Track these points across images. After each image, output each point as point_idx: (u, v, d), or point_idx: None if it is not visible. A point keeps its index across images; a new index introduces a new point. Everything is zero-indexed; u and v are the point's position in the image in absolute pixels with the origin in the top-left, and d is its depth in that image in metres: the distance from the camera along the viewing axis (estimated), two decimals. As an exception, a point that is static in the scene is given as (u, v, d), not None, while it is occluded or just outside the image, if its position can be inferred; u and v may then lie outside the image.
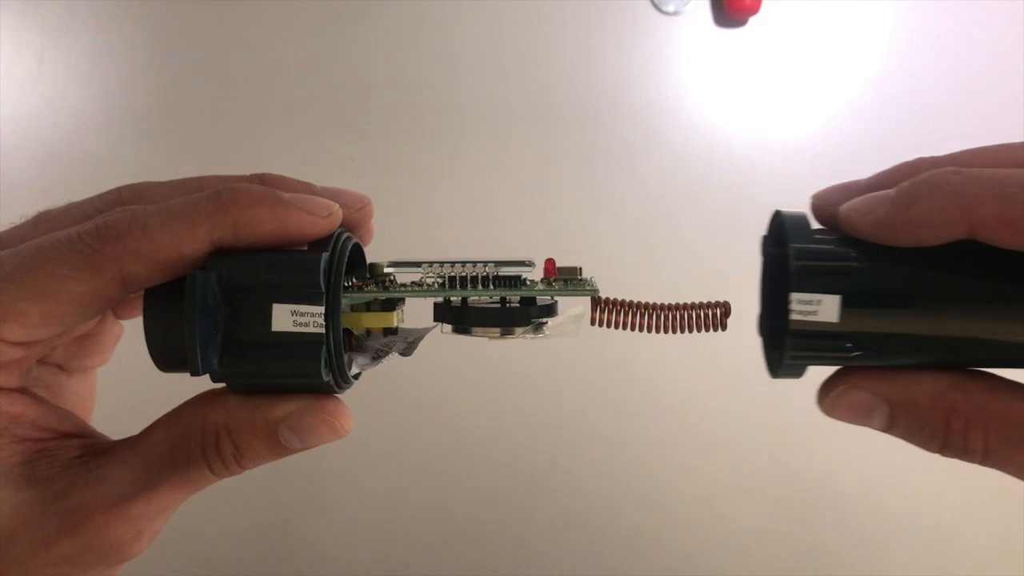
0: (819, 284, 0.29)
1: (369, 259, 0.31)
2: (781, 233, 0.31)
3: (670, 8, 0.64)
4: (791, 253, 0.29)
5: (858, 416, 0.30)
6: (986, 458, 0.29)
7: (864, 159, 0.64)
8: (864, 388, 0.30)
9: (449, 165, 0.62)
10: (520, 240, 0.62)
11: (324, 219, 0.27)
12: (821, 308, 0.29)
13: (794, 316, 0.28)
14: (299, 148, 0.62)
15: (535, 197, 0.63)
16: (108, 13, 0.61)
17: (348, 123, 0.62)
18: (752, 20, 0.64)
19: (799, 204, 0.64)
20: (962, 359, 0.29)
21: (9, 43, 0.61)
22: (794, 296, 0.28)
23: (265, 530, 0.63)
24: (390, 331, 0.31)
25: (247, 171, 0.31)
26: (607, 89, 0.63)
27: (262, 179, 0.29)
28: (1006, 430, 0.28)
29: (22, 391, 0.28)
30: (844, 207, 0.29)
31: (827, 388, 0.30)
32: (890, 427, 0.30)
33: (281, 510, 0.63)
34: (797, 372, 0.31)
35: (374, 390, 0.61)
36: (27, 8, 0.61)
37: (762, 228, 0.63)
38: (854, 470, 0.64)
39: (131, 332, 0.31)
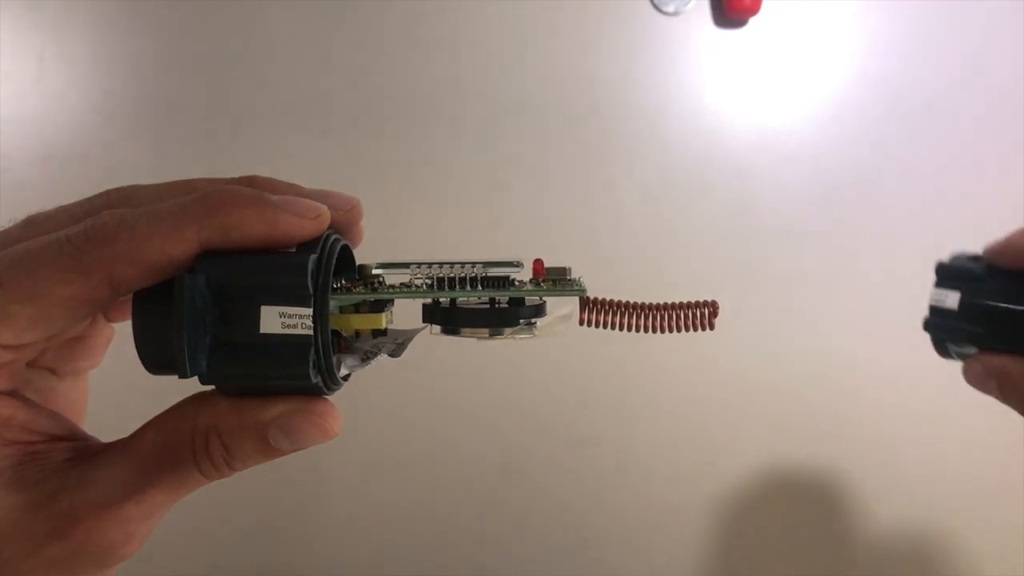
0: (949, 284, 0.42)
1: (359, 260, 0.31)
2: None
3: (670, 8, 0.63)
4: (936, 266, 0.43)
5: (979, 383, 0.41)
6: None
7: (864, 159, 0.64)
8: (981, 362, 0.41)
9: (446, 165, 0.62)
10: (518, 241, 0.62)
11: (312, 221, 0.27)
12: (947, 299, 0.42)
13: (930, 301, 0.43)
14: (298, 149, 0.62)
15: (533, 197, 0.63)
16: (108, 13, 0.61)
17: (346, 124, 0.62)
18: (752, 20, 0.64)
19: (798, 204, 0.64)
20: None
21: (9, 43, 0.61)
22: (933, 290, 0.43)
23: (261, 530, 0.63)
24: (379, 332, 0.31)
25: (247, 172, 0.31)
26: (606, 89, 0.63)
27: (251, 181, 0.29)
28: None
29: (12, 394, 0.28)
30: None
31: (964, 364, 0.41)
32: (1001, 395, 0.40)
33: (276, 510, 0.63)
34: (940, 347, 0.43)
35: (367, 391, 0.61)
36: (27, 8, 0.61)
37: (761, 227, 0.64)
38: (854, 470, 0.64)
39: (121, 335, 0.31)
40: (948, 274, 0.43)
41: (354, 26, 0.62)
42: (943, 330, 0.43)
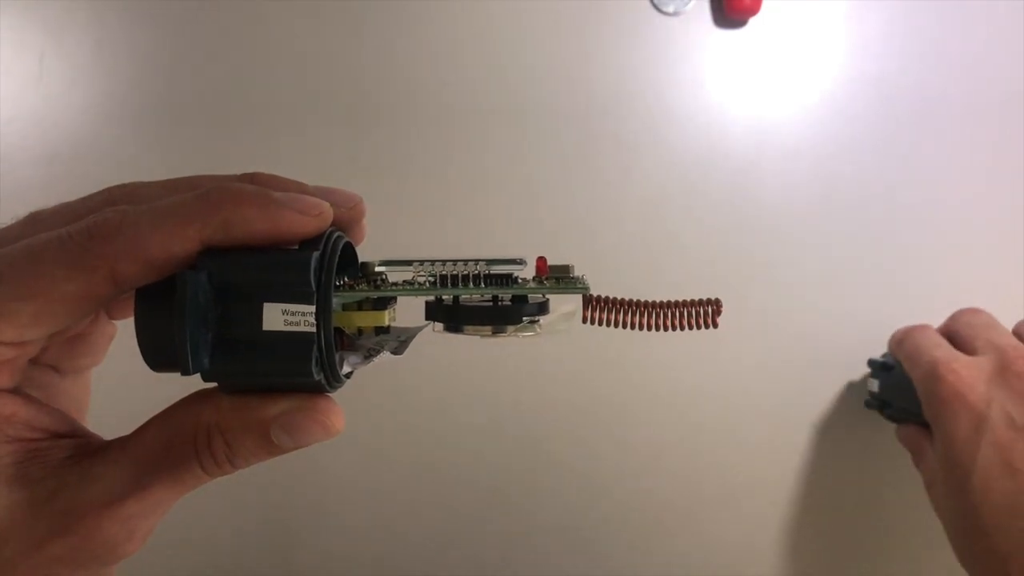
0: (875, 375, 0.60)
1: (363, 258, 0.31)
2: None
3: (670, 9, 0.63)
4: (867, 361, 0.62)
5: (903, 445, 0.59)
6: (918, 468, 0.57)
7: (865, 160, 0.64)
8: (897, 431, 0.59)
9: (445, 165, 0.62)
10: (521, 239, 0.62)
11: (314, 218, 0.27)
12: (874, 386, 0.60)
13: (868, 386, 0.61)
14: (300, 147, 0.62)
15: (536, 196, 0.63)
16: (109, 13, 0.61)
17: (347, 123, 0.62)
18: (752, 21, 0.64)
19: (799, 205, 0.65)
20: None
21: (9, 43, 0.61)
22: (868, 379, 0.61)
23: (260, 529, 0.63)
24: (382, 330, 0.31)
25: (250, 169, 0.31)
26: (605, 90, 0.63)
27: (253, 178, 0.29)
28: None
29: (14, 391, 0.28)
30: None
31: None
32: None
33: (276, 509, 0.63)
34: (884, 416, 0.60)
35: (370, 389, 0.61)
36: (28, 8, 0.61)
37: (761, 228, 0.64)
38: (851, 472, 0.64)
39: (124, 332, 0.31)
40: (874, 367, 0.60)
41: (354, 25, 0.62)
42: (877, 408, 0.60)
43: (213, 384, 0.28)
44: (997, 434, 0.48)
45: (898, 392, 0.57)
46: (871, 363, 0.61)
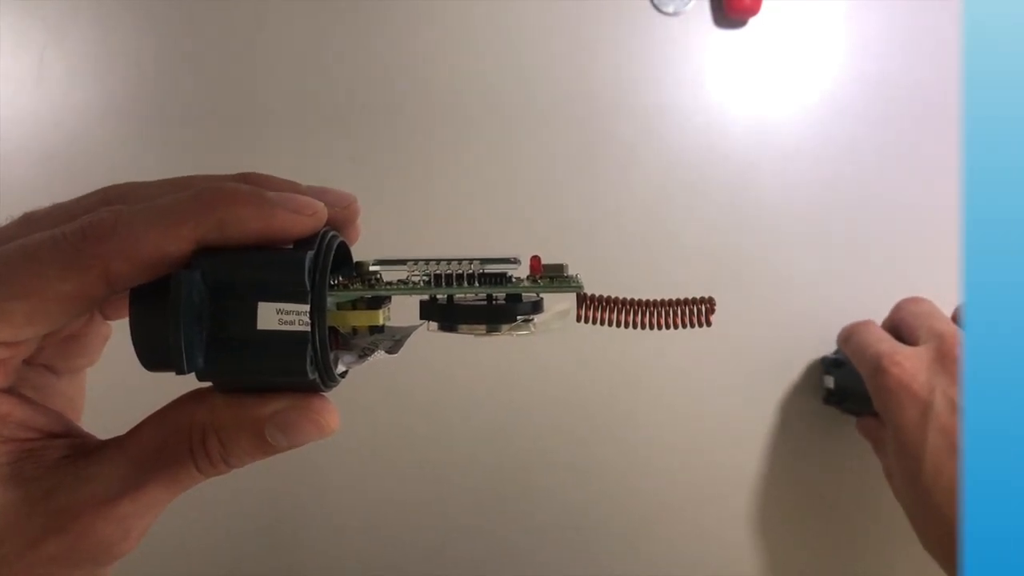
0: (828, 371, 0.62)
1: (357, 257, 0.31)
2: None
3: (670, 8, 0.63)
4: (821, 359, 0.63)
5: (863, 437, 0.60)
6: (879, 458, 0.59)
7: (865, 161, 0.64)
8: (857, 424, 0.60)
9: (440, 164, 0.62)
10: (515, 238, 0.62)
11: (309, 218, 0.27)
12: (830, 382, 0.61)
13: (824, 383, 0.62)
14: (299, 148, 0.62)
15: (532, 196, 0.63)
16: (110, 13, 0.61)
17: (342, 123, 0.62)
18: (752, 21, 0.64)
19: (798, 205, 0.64)
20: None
21: (10, 43, 0.61)
22: (823, 376, 0.62)
23: (257, 529, 0.63)
24: (376, 329, 0.31)
25: (244, 170, 0.31)
26: (605, 90, 0.63)
27: (247, 178, 0.29)
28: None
29: (9, 391, 0.28)
30: None
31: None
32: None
33: (272, 509, 0.63)
34: (842, 410, 0.62)
35: (365, 388, 0.61)
36: (28, 8, 0.61)
37: (761, 228, 0.64)
38: (847, 471, 0.64)
39: (119, 333, 0.31)
40: (827, 363, 0.62)
41: (353, 25, 0.62)
42: (834, 404, 0.61)
43: (208, 384, 0.28)
44: (942, 419, 0.50)
45: (852, 386, 0.59)
46: (824, 360, 0.62)
